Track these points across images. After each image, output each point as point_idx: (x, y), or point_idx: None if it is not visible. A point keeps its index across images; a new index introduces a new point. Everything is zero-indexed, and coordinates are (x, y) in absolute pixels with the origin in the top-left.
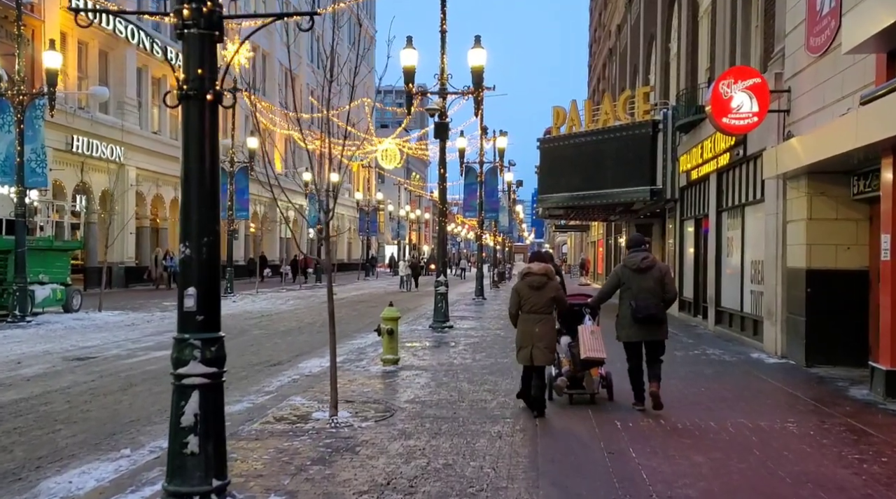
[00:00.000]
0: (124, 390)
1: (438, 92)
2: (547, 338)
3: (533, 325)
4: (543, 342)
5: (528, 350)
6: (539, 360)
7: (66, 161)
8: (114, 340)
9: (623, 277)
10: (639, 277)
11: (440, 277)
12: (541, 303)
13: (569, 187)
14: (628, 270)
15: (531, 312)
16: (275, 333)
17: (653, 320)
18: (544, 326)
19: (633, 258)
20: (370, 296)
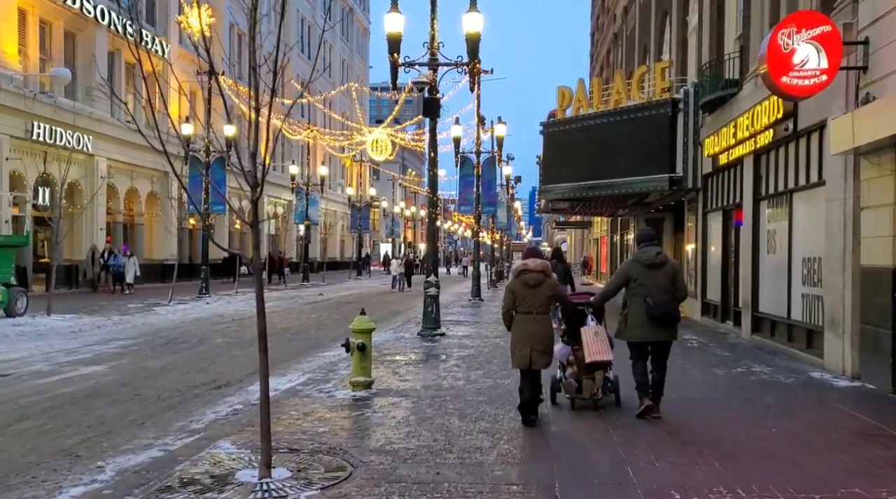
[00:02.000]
0: (6, 426)
1: (428, 63)
2: (545, 340)
3: (531, 325)
4: (542, 345)
5: (526, 352)
6: (537, 363)
7: (25, 150)
8: (46, 351)
9: (634, 273)
10: (652, 273)
11: (430, 276)
12: (538, 302)
13: (576, 176)
14: (640, 266)
15: (528, 313)
16: (238, 343)
17: (668, 319)
18: (542, 327)
19: (647, 253)
20: (359, 297)
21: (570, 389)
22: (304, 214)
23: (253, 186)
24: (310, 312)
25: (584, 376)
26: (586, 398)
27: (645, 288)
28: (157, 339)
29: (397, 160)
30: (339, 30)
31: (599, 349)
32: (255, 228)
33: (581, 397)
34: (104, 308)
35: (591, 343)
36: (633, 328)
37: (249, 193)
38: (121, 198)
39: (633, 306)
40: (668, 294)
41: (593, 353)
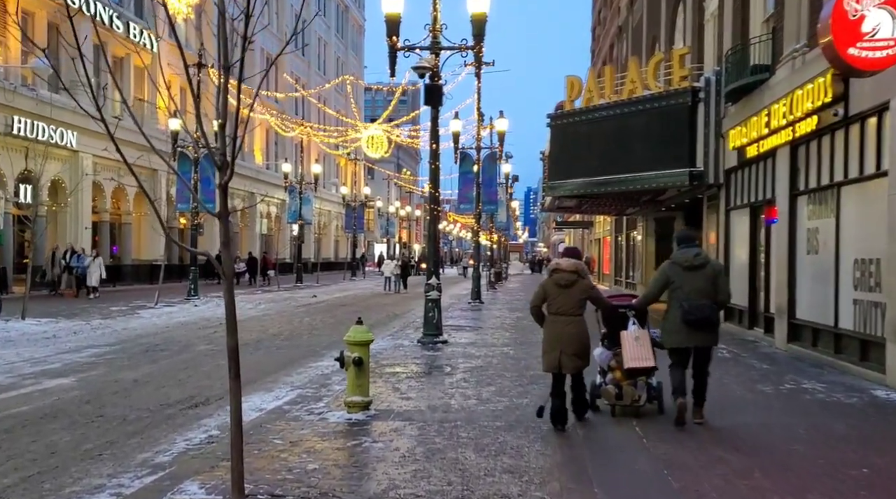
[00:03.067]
0: None
1: (430, 46)
2: (576, 343)
3: (561, 327)
4: (573, 347)
5: (556, 356)
6: (567, 367)
7: (5, 145)
8: (10, 360)
9: (672, 275)
10: (690, 275)
11: (431, 279)
12: (569, 303)
13: (586, 171)
14: (678, 268)
15: (559, 314)
16: (223, 350)
17: (706, 324)
18: (574, 330)
19: (685, 254)
20: (354, 298)
21: (609, 395)
22: (298, 214)
23: (221, 165)
24: (303, 315)
25: (625, 381)
26: (627, 405)
27: (682, 292)
28: (136, 346)
29: (392, 159)
30: (334, 27)
31: (641, 355)
32: (223, 219)
33: (622, 404)
34: (85, 311)
35: (632, 348)
36: (670, 334)
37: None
38: (107, 196)
39: (670, 311)
40: (709, 297)
41: (633, 358)
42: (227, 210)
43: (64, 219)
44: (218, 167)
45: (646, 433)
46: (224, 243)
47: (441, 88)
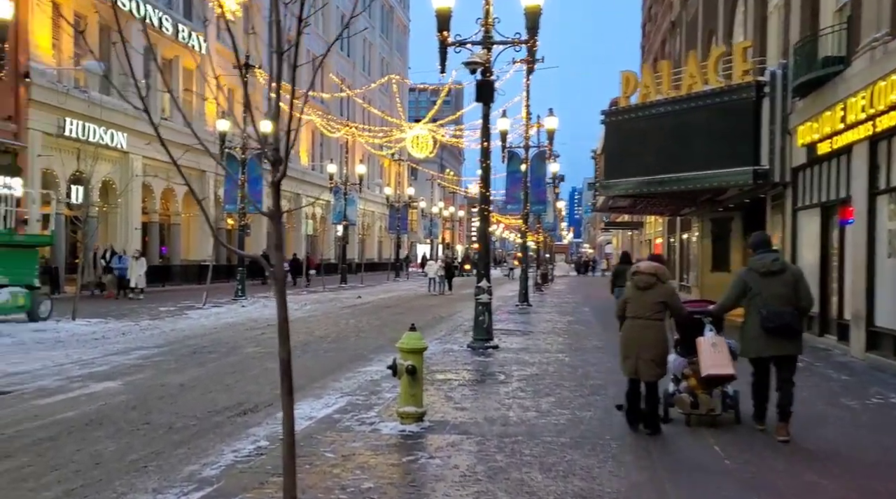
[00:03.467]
0: None
1: (482, 41)
2: (653, 349)
3: (638, 332)
4: (649, 353)
5: (633, 362)
6: (644, 374)
7: (57, 147)
8: (60, 362)
9: (749, 282)
10: (768, 281)
11: (482, 282)
12: (646, 307)
13: (642, 170)
14: (755, 274)
15: (636, 318)
16: (271, 353)
17: (787, 331)
18: (650, 335)
19: (762, 260)
20: (398, 300)
21: (683, 404)
22: (343, 215)
23: (274, 162)
24: (348, 316)
25: (700, 390)
26: (703, 414)
27: (761, 298)
28: (184, 348)
29: (436, 160)
30: (379, 28)
31: (719, 361)
32: (276, 219)
33: (697, 413)
34: (134, 312)
35: (709, 355)
36: (750, 342)
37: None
38: (157, 197)
39: (748, 319)
40: (789, 304)
41: (712, 365)
42: (279, 210)
43: (114, 220)
44: (272, 163)
45: (726, 451)
46: (277, 245)
47: (493, 84)
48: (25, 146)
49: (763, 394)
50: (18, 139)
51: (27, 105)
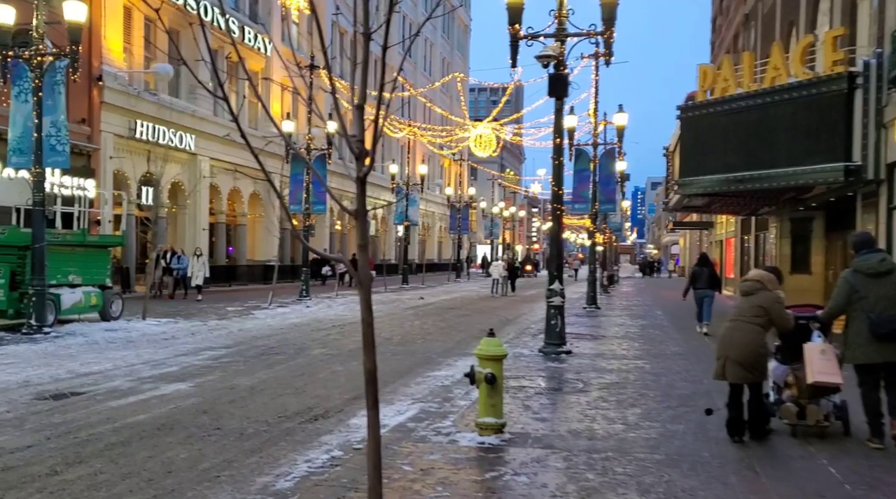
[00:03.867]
0: (49, 476)
1: (554, 34)
2: (743, 350)
3: (729, 332)
4: (735, 354)
5: (721, 363)
6: (729, 375)
7: (128, 149)
8: (131, 362)
9: (856, 284)
10: (876, 283)
11: (554, 284)
12: (743, 309)
13: (721, 167)
14: (861, 276)
15: (732, 320)
16: (338, 355)
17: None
18: (741, 336)
19: (868, 261)
20: (461, 301)
21: (788, 414)
22: (404, 215)
23: (359, 154)
24: (412, 318)
25: (806, 399)
26: (811, 426)
27: (868, 302)
28: (252, 348)
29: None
30: (441, 28)
31: (827, 370)
32: (361, 218)
33: (804, 424)
34: (203, 312)
35: (817, 362)
36: (857, 348)
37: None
38: (223, 198)
39: (854, 323)
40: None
41: (818, 373)
42: (364, 207)
43: (183, 220)
44: (356, 157)
45: (842, 473)
46: (361, 245)
47: (566, 78)
48: (98, 148)
49: (877, 407)
50: (92, 141)
51: (100, 108)
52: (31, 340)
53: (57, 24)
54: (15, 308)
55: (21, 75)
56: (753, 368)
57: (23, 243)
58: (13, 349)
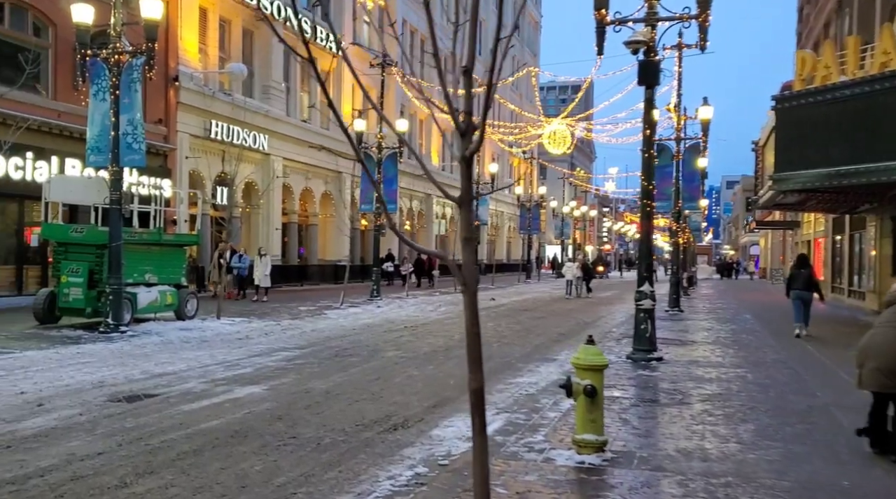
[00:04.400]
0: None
1: (644, 18)
2: (884, 356)
3: (869, 338)
4: (878, 360)
5: (864, 370)
6: (870, 383)
7: (203, 149)
8: (205, 363)
9: None
10: None
11: (644, 285)
12: (887, 315)
13: (822, 161)
14: None
15: (875, 327)
16: (413, 358)
17: None
18: (879, 339)
19: None
20: (534, 303)
21: None
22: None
23: (465, 130)
24: (485, 319)
25: None
26: None
27: None
28: (325, 349)
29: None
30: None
31: None
32: (466, 206)
33: None
34: (275, 310)
35: None
36: None
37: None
38: (296, 198)
39: None
40: None
41: None
42: (470, 195)
43: (256, 220)
44: (461, 133)
45: None
46: (467, 238)
47: (658, 65)
48: (174, 148)
49: None
50: (168, 142)
51: (176, 108)
52: (108, 339)
53: (135, 24)
54: (93, 307)
55: (99, 74)
56: (894, 374)
57: (101, 242)
58: (90, 348)
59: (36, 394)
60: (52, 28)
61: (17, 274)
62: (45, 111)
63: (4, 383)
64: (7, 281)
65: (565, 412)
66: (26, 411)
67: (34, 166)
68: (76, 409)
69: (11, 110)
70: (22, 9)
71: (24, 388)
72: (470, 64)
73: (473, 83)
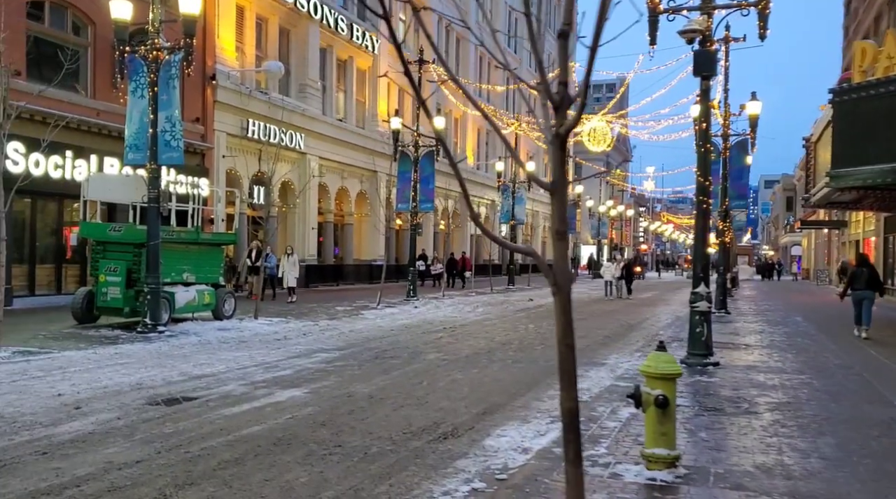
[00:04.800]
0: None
1: (699, 6)
2: None
3: None
4: None
5: None
6: None
7: (240, 148)
8: (244, 364)
9: None
10: None
11: (699, 287)
12: None
13: (887, 156)
14: None
15: None
16: (455, 360)
17: None
18: None
19: None
20: (574, 303)
21: None
22: (511, 214)
23: (560, 103)
24: (525, 321)
25: None
26: None
27: None
28: (365, 351)
29: (601, 157)
30: (546, 21)
31: None
32: (558, 193)
33: None
34: (312, 311)
35: None
36: None
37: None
38: (331, 197)
39: None
40: None
41: None
42: (564, 180)
43: (292, 219)
44: (555, 107)
45: None
46: (559, 232)
47: (715, 54)
48: (212, 147)
49: None
50: (206, 141)
51: (213, 107)
52: (146, 340)
53: (172, 22)
54: (131, 306)
55: (137, 71)
56: None
57: (139, 241)
58: (128, 349)
59: (73, 396)
60: (91, 27)
61: (57, 273)
62: (84, 110)
63: (42, 384)
64: (46, 280)
65: (625, 422)
66: (63, 413)
67: (73, 165)
68: (114, 412)
69: (51, 109)
70: (62, 7)
71: (61, 389)
72: (566, 25)
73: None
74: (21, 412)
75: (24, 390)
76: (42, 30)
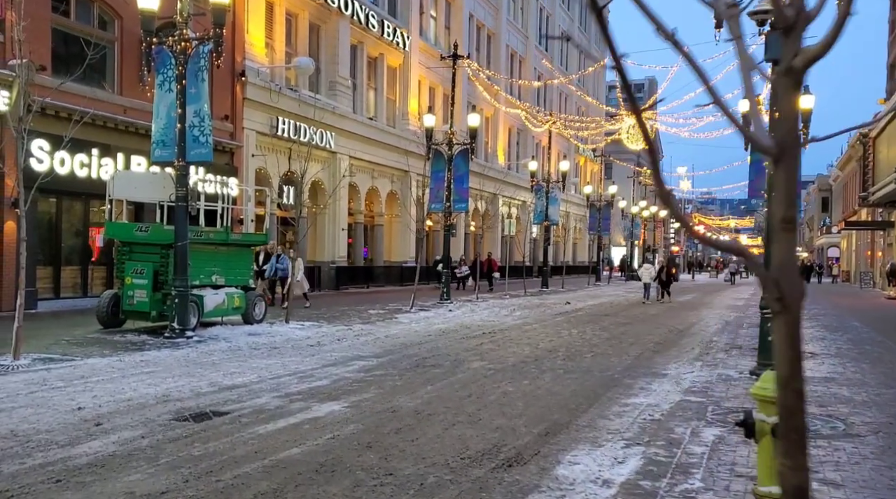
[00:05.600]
0: None
1: None
2: None
3: None
4: None
5: None
6: None
7: (270, 146)
8: (277, 373)
9: None
10: None
11: None
12: None
13: None
14: None
15: None
16: (502, 370)
17: None
18: None
19: None
20: (612, 307)
21: None
22: (544, 215)
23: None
24: (567, 325)
25: None
26: None
27: None
28: (404, 359)
29: (632, 157)
30: (577, 20)
31: None
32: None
33: None
34: (343, 313)
35: None
36: None
37: None
38: (362, 198)
39: None
40: None
41: None
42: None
43: (322, 220)
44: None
45: None
46: (785, 220)
47: None
48: (241, 145)
49: None
50: (235, 139)
51: (242, 104)
52: (173, 346)
53: (201, 15)
54: (158, 310)
55: (165, 63)
56: None
57: (166, 241)
58: (154, 355)
59: (94, 410)
60: (117, 21)
61: (83, 275)
62: (110, 107)
63: (62, 396)
64: (72, 282)
65: (712, 447)
66: (82, 431)
67: (100, 163)
68: (138, 430)
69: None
70: (88, 1)
71: (82, 402)
72: None
73: None
74: (37, 429)
75: (42, 402)
76: (68, 24)
